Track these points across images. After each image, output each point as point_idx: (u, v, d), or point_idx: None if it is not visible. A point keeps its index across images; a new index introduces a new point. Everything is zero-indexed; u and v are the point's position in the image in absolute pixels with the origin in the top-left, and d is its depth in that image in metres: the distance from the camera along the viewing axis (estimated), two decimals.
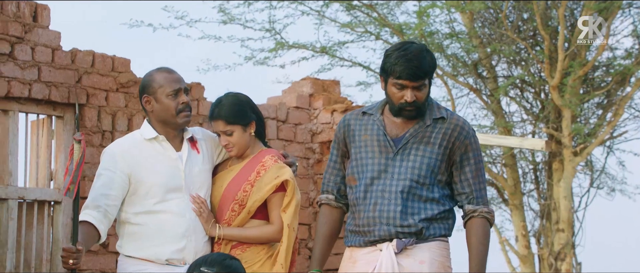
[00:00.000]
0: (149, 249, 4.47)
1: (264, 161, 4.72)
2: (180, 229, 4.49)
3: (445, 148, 4.34)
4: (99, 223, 4.38)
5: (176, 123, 4.57)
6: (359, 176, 4.37)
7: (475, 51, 14.35)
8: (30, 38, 7.03)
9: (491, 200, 15.41)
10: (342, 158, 4.50)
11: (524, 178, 15.01)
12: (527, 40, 14.17)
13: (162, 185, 4.48)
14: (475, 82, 14.79)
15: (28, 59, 7.00)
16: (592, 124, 14.23)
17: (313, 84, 8.62)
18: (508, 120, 14.72)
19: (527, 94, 15.02)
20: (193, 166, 4.61)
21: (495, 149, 14.83)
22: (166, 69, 4.62)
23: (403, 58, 4.24)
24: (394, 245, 4.28)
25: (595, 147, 13.90)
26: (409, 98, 4.27)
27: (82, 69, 7.30)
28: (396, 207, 4.28)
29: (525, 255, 14.59)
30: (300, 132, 8.53)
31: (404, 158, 4.32)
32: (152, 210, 4.49)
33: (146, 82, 4.59)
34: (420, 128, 4.34)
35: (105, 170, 4.47)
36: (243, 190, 4.68)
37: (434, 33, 14.18)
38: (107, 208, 4.41)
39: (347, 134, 4.45)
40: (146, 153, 4.54)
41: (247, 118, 4.72)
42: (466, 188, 4.38)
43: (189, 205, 4.55)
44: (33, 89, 6.98)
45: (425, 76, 4.28)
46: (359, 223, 4.35)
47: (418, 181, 4.30)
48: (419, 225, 4.28)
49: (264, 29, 13.74)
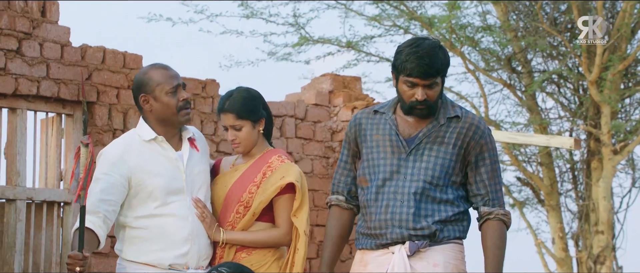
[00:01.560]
0: (151, 254, 4.50)
1: (271, 161, 4.74)
2: (183, 233, 4.52)
3: (459, 148, 4.35)
4: (99, 229, 4.40)
5: (177, 121, 4.57)
6: (370, 178, 4.39)
7: (509, 45, 14.30)
8: (38, 34, 7.10)
9: (526, 200, 15.36)
10: (353, 158, 4.51)
11: (561, 177, 14.94)
12: (564, 33, 14.09)
13: (164, 187, 4.50)
14: (509, 78, 14.74)
15: (36, 55, 7.07)
16: (633, 121, 14.13)
17: (333, 81, 8.63)
18: (544, 117, 14.66)
19: (564, 89, 14.94)
20: (194, 166, 4.62)
21: (531, 148, 14.77)
22: (162, 65, 4.61)
23: (414, 55, 4.26)
24: (406, 248, 4.30)
25: (636, 145, 13.80)
26: (420, 97, 4.28)
27: (92, 65, 7.36)
28: (409, 209, 4.29)
29: (562, 258, 14.52)
30: (320, 130, 8.55)
31: (417, 159, 4.33)
32: (153, 214, 4.51)
33: (142, 81, 4.57)
34: (433, 128, 4.35)
35: (103, 175, 4.47)
36: (248, 191, 4.70)
37: (465, 26, 14.14)
38: (106, 214, 4.42)
39: (358, 134, 4.47)
40: (146, 155, 4.55)
41: (258, 114, 4.74)
42: (481, 189, 4.38)
43: (191, 208, 4.57)
44: (41, 87, 7.04)
45: (437, 73, 4.28)
46: (371, 226, 4.37)
47: (431, 183, 4.31)
48: (433, 228, 4.29)
49: (288, 23, 13.78)
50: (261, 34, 13.72)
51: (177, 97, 4.54)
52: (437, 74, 4.28)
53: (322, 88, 8.64)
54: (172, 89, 4.53)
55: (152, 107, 4.56)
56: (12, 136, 7.03)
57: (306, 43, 13.85)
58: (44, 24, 7.14)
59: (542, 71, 14.66)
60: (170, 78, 4.55)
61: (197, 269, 4.56)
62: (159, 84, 4.53)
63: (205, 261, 4.61)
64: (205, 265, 4.61)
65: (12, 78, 6.91)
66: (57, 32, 7.23)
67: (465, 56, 13.98)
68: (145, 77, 4.57)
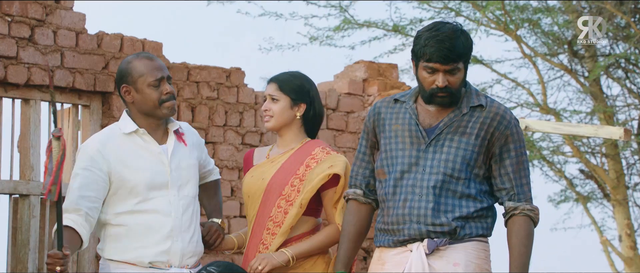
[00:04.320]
0: (131, 252, 4.55)
1: (314, 153, 4.81)
2: (164, 229, 4.56)
3: (482, 139, 4.37)
4: (81, 228, 4.45)
5: (159, 114, 4.63)
6: (388, 170, 4.43)
7: (571, 27, 14.19)
8: (52, 20, 7.18)
9: (591, 194, 15.25)
10: (371, 149, 4.56)
11: (629, 169, 14.81)
12: (630, 14, 13.95)
13: (146, 182, 4.56)
14: (570, 62, 14.63)
15: (50, 43, 7.16)
16: None
17: (367, 68, 8.64)
18: (609, 104, 14.53)
19: (632, 75, 14.80)
20: (180, 160, 4.68)
21: (595, 139, 14.65)
22: (146, 55, 4.67)
23: (434, 39, 4.29)
24: (424, 246, 4.34)
25: None
26: (440, 83, 4.32)
27: (109, 54, 7.44)
28: (427, 204, 4.33)
29: (630, 257, 14.41)
30: (353, 121, 8.57)
31: (437, 150, 4.37)
32: (134, 210, 4.56)
33: (124, 70, 4.64)
34: (455, 117, 4.38)
35: (82, 170, 4.53)
36: (291, 184, 4.77)
37: (524, 8, 14.06)
38: (88, 211, 4.48)
39: (377, 124, 4.52)
40: (126, 148, 4.60)
41: (301, 96, 4.87)
42: (506, 183, 4.41)
43: (175, 203, 4.62)
44: (56, 76, 7.11)
45: (459, 58, 4.31)
46: (388, 221, 4.41)
47: (452, 176, 4.34)
48: (453, 224, 4.32)
49: (330, 6, 13.81)
50: (302, 16, 13.79)
51: (160, 90, 4.60)
52: (459, 59, 4.31)
53: (355, 76, 8.64)
54: (154, 82, 4.59)
55: (133, 98, 4.63)
56: (26, 128, 7.12)
57: (351, 26, 13.87)
58: (58, 10, 7.22)
59: (607, 54, 14.52)
60: (153, 70, 4.61)
61: (181, 268, 4.61)
62: (141, 75, 4.60)
63: (190, 259, 4.65)
64: (191, 263, 4.66)
65: (24, 67, 7.00)
66: (72, 19, 7.30)
67: (521, 39, 13.91)
68: (128, 67, 4.64)
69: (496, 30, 13.92)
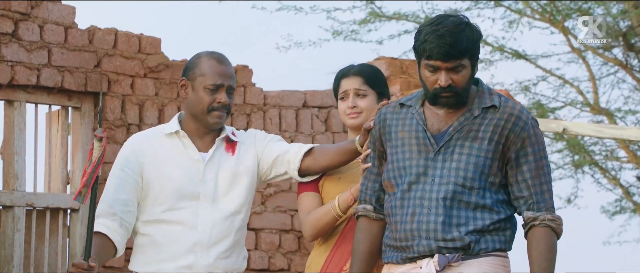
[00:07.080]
0: (152, 265, 4.60)
1: None
2: (187, 243, 4.59)
3: (496, 143, 4.34)
4: (114, 234, 4.50)
5: (205, 122, 4.67)
6: (396, 182, 4.41)
7: (627, 17, 14.11)
8: (37, 14, 7.19)
9: None
10: (380, 160, 4.54)
11: None
12: None
13: (174, 190, 4.60)
14: (625, 57, 14.53)
15: (35, 39, 7.17)
16: None
17: (389, 65, 8.62)
18: None
19: None
20: (220, 170, 4.69)
21: None
22: (218, 57, 4.71)
23: (434, 34, 4.27)
24: (435, 262, 4.32)
25: None
26: (443, 82, 4.30)
27: (102, 50, 7.45)
28: (437, 217, 4.30)
29: None
30: None
31: (447, 158, 4.34)
32: (160, 219, 4.61)
33: (190, 64, 4.71)
34: (466, 121, 4.36)
35: (117, 170, 4.61)
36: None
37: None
38: (123, 215, 4.53)
39: (383, 132, 4.50)
40: (162, 151, 4.66)
41: (386, 91, 4.99)
42: (524, 190, 4.37)
43: (205, 216, 4.64)
44: (42, 76, 7.14)
45: (463, 55, 4.28)
46: (396, 237, 4.39)
47: (464, 185, 4.31)
48: (466, 239, 4.29)
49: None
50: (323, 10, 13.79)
51: (214, 97, 4.63)
52: (462, 55, 4.28)
53: None
54: (212, 86, 4.63)
55: (187, 95, 4.70)
56: (9, 133, 7.14)
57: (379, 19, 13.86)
58: (44, 3, 7.23)
59: None
60: (216, 74, 4.64)
61: None
62: (202, 75, 4.66)
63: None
64: None
65: (7, 66, 7.02)
66: (60, 13, 7.32)
67: (569, 31, 13.85)
68: (195, 62, 4.71)
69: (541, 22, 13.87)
